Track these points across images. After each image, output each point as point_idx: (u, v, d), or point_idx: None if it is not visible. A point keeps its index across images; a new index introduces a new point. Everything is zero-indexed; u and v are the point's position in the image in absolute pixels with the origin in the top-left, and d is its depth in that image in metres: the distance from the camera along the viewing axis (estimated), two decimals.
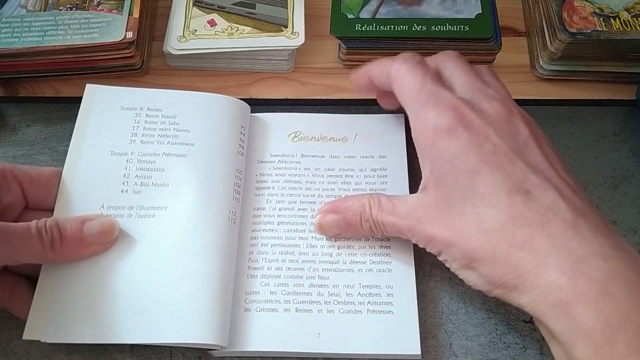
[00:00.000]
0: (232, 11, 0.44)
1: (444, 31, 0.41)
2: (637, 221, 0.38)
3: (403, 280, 0.34)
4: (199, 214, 0.34)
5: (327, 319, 0.33)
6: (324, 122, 0.40)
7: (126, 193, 0.35)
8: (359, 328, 0.33)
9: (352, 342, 0.32)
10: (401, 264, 0.34)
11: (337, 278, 0.34)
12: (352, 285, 0.34)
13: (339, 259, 0.35)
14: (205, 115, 0.37)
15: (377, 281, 0.34)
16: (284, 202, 0.37)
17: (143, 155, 0.36)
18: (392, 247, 0.35)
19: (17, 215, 0.34)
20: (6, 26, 0.41)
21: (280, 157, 0.38)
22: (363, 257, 0.35)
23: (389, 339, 0.32)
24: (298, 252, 0.35)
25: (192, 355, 0.34)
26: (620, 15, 0.41)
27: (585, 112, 0.43)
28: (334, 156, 0.38)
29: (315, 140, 0.39)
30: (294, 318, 0.33)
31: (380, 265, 0.34)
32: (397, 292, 0.34)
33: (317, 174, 0.38)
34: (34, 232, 0.30)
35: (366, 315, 0.33)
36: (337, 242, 0.35)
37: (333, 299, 0.33)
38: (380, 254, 0.35)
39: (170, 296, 0.32)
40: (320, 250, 0.35)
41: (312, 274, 0.34)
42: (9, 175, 0.33)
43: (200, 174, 0.35)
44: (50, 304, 0.32)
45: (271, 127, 0.40)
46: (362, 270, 0.34)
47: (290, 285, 0.34)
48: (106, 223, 0.33)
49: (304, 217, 0.36)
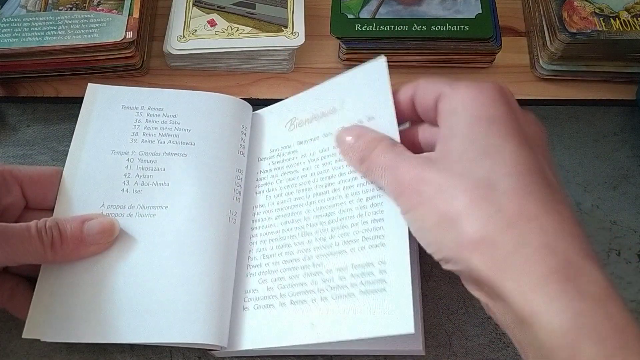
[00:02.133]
0: (232, 11, 0.44)
1: (444, 31, 0.41)
2: (637, 221, 0.38)
3: (396, 255, 0.31)
4: (199, 213, 0.34)
5: (320, 308, 0.32)
6: (312, 97, 0.38)
7: (127, 192, 0.35)
8: (351, 312, 0.31)
9: (345, 328, 0.31)
10: (395, 239, 0.32)
11: (330, 262, 0.33)
12: (345, 267, 0.32)
13: (331, 242, 0.33)
14: (206, 115, 0.37)
15: (369, 258, 0.32)
16: (281, 194, 0.36)
17: (144, 154, 0.36)
18: (385, 225, 0.32)
19: (17, 215, 0.34)
20: (6, 26, 0.41)
21: (279, 150, 0.38)
22: (355, 234, 0.33)
23: (382, 319, 0.30)
24: (294, 243, 0.34)
25: (192, 356, 0.34)
26: (620, 15, 0.41)
27: (585, 112, 0.43)
28: (326, 134, 0.36)
29: (309, 122, 0.37)
30: (289, 311, 0.32)
31: (373, 240, 0.32)
32: (391, 269, 0.31)
33: (312, 159, 0.36)
34: (34, 233, 0.30)
35: (359, 298, 0.31)
36: (330, 224, 0.34)
37: (326, 285, 0.32)
38: (373, 228, 0.32)
39: (170, 296, 0.32)
40: (314, 237, 0.34)
41: (307, 263, 0.33)
42: (8, 176, 0.33)
43: (200, 173, 0.35)
44: (50, 303, 0.32)
45: (269, 122, 0.39)
46: (355, 250, 0.32)
47: (286, 278, 0.33)
48: (106, 223, 0.33)
49: (299, 206, 0.35)
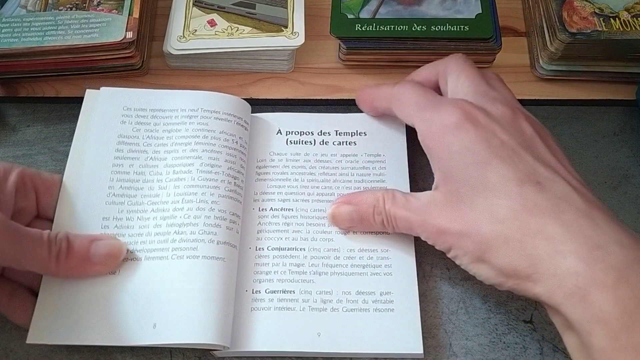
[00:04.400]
0: (232, 11, 0.44)
1: (444, 31, 0.41)
2: (637, 221, 0.38)
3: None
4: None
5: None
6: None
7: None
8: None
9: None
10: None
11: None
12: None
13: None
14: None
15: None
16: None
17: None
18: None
19: (27, 222, 0.34)
20: (6, 26, 0.41)
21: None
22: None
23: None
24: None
25: (192, 356, 0.34)
26: (620, 15, 0.41)
27: (585, 112, 0.43)
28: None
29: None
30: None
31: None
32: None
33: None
34: (45, 240, 0.30)
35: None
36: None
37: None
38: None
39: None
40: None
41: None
42: (28, 181, 0.33)
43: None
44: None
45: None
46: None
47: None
48: (115, 245, 0.33)
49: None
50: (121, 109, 0.38)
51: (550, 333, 0.34)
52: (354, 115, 0.40)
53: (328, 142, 0.39)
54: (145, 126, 0.37)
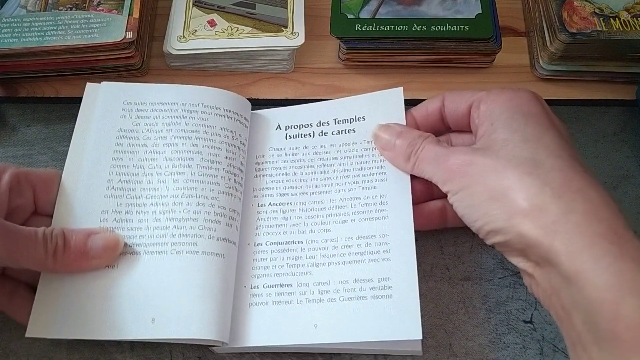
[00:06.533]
0: (232, 11, 0.44)
1: (444, 31, 0.41)
2: (637, 221, 0.38)
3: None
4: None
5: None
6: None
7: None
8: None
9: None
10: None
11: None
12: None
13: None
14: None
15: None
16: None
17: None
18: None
19: (24, 219, 0.34)
20: (6, 26, 0.41)
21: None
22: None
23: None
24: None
25: (191, 355, 0.34)
26: (620, 15, 0.41)
27: (585, 112, 0.43)
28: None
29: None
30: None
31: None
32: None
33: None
34: (40, 238, 0.30)
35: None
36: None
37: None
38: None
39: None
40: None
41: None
42: (23, 179, 0.33)
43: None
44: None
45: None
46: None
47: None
48: (111, 239, 0.32)
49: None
50: (121, 104, 0.38)
51: (551, 333, 0.34)
52: (353, 98, 0.39)
53: (327, 132, 0.39)
54: (145, 120, 0.37)
